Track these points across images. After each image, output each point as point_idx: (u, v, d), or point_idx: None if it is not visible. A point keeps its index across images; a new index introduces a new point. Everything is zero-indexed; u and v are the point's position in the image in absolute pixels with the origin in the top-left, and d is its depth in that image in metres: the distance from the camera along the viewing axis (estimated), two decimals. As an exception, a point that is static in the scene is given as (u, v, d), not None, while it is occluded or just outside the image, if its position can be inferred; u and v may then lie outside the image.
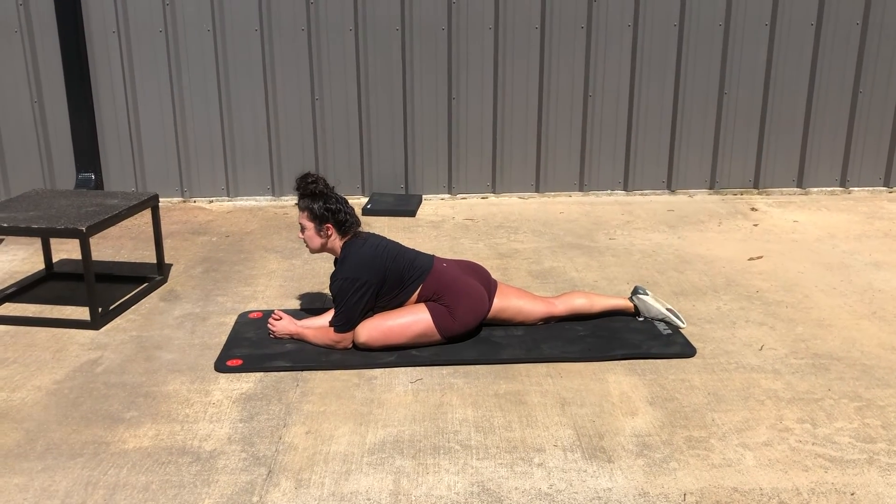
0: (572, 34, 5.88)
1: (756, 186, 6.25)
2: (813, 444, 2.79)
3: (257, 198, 6.11)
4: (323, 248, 3.55)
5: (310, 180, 3.48)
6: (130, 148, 5.98)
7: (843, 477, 2.60)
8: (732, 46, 5.95)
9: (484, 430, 2.89)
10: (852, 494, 2.52)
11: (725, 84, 6.02)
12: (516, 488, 2.56)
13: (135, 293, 4.15)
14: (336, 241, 3.52)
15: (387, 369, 3.34)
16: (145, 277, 4.40)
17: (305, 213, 3.49)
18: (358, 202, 5.96)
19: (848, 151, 6.19)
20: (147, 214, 5.58)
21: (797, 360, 3.42)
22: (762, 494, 2.52)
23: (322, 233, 3.50)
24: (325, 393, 3.16)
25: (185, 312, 3.97)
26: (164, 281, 4.38)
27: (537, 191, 6.19)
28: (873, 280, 4.34)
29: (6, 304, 4.10)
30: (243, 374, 3.31)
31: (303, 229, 3.53)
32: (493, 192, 6.18)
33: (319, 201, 3.46)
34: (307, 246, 3.57)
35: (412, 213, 5.68)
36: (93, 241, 5.10)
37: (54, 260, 4.76)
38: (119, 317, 3.92)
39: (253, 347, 3.52)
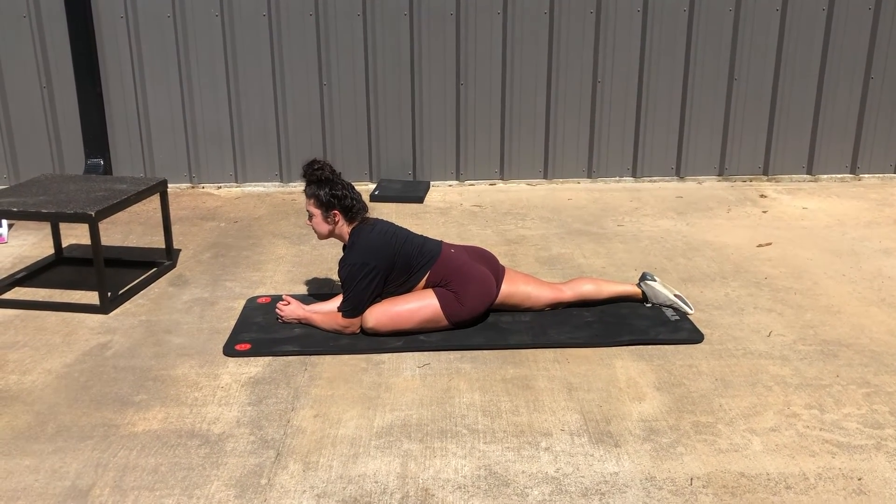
0: (581, 19, 5.85)
1: (765, 173, 6.22)
2: (820, 429, 2.79)
3: (265, 184, 6.12)
4: (331, 235, 3.55)
5: (316, 167, 3.48)
6: (139, 133, 6.00)
7: (851, 462, 2.60)
8: (742, 31, 5.90)
9: (491, 414, 2.90)
10: (860, 480, 2.52)
11: (735, 70, 5.98)
12: (523, 472, 2.57)
13: (144, 278, 4.16)
14: (344, 228, 3.52)
15: (394, 354, 3.35)
16: (154, 262, 4.42)
17: (312, 201, 3.49)
18: (366, 188, 5.96)
19: (858, 138, 6.15)
20: (156, 200, 5.60)
21: (805, 346, 3.41)
22: (769, 479, 2.52)
23: (329, 219, 3.50)
24: (333, 377, 3.17)
25: (194, 297, 3.99)
26: (173, 266, 4.40)
27: (545, 177, 6.18)
28: (883, 267, 4.32)
29: (16, 288, 4.12)
30: (252, 359, 3.33)
31: (310, 216, 3.53)
32: (502, 179, 6.17)
33: (325, 188, 3.46)
34: (315, 233, 3.57)
35: (420, 200, 5.68)
36: (102, 226, 5.12)
37: (64, 245, 4.79)
38: (128, 301, 3.94)
39: (261, 332, 3.53)
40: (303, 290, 4.08)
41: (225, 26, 5.79)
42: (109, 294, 3.88)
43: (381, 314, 3.42)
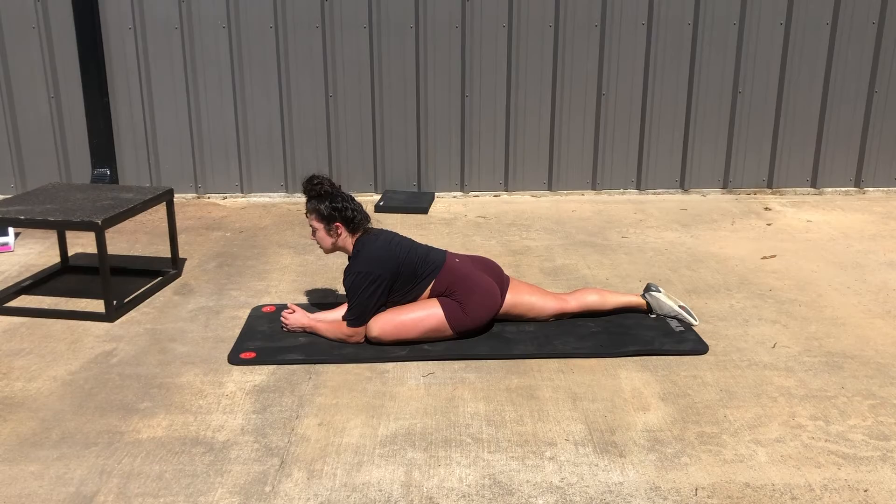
0: (586, 32, 5.88)
1: (770, 186, 6.22)
2: (826, 440, 2.78)
3: (271, 194, 6.14)
4: (335, 248, 3.57)
5: (315, 182, 3.51)
6: (146, 144, 6.02)
7: (857, 474, 2.59)
8: (747, 45, 5.93)
9: (495, 423, 2.90)
10: (865, 491, 2.51)
11: (739, 83, 6.00)
12: (527, 481, 2.56)
13: (149, 286, 4.17)
14: (347, 240, 3.53)
15: (399, 363, 3.35)
16: (160, 271, 4.43)
17: (314, 215, 3.52)
18: (371, 199, 5.98)
19: (863, 151, 6.16)
20: (162, 210, 5.62)
21: (810, 357, 3.41)
22: (774, 490, 2.51)
23: (332, 232, 3.51)
24: (337, 386, 3.17)
25: (199, 306, 4.00)
26: (179, 275, 4.41)
27: (550, 189, 6.19)
28: (888, 279, 4.31)
29: (23, 296, 4.14)
30: (256, 367, 3.33)
31: (314, 231, 3.56)
32: (506, 190, 6.19)
33: (326, 201, 3.48)
34: (320, 247, 3.60)
35: (425, 211, 5.69)
36: (108, 235, 5.14)
37: (70, 253, 4.80)
38: (133, 310, 3.95)
39: (266, 340, 3.54)
40: (307, 299, 4.08)
41: (232, 38, 5.82)
42: (115, 302, 3.89)
43: (386, 323, 3.43)
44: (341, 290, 4.16)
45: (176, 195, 6.08)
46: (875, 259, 4.65)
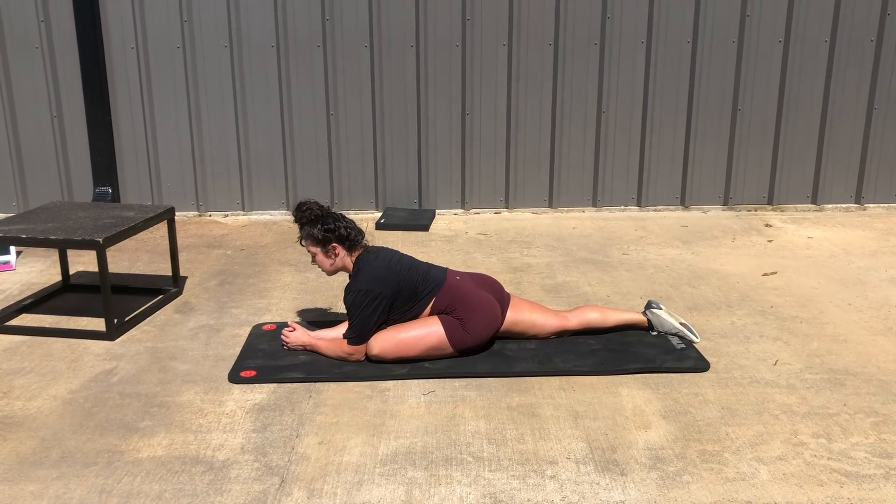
0: (586, 50, 5.91)
1: (770, 203, 6.23)
2: (828, 458, 2.77)
3: (272, 212, 6.15)
4: (336, 269, 3.58)
5: (304, 209, 3.54)
6: (147, 162, 6.05)
7: (859, 492, 2.58)
8: (746, 63, 5.96)
9: (496, 442, 2.89)
10: (868, 509, 2.50)
11: (739, 100, 6.03)
12: (528, 500, 2.55)
13: (150, 305, 4.18)
14: (346, 259, 3.54)
15: (399, 381, 3.35)
16: (160, 289, 4.43)
17: (309, 241, 3.54)
18: (371, 217, 5.99)
19: (863, 167, 6.17)
20: (163, 229, 5.63)
21: (812, 374, 3.40)
22: (777, 509, 2.50)
23: (330, 254, 3.53)
24: (337, 404, 3.17)
25: (200, 324, 4.00)
26: (179, 293, 4.42)
27: (550, 206, 6.20)
28: (889, 296, 4.31)
29: (23, 314, 4.14)
30: (257, 385, 3.33)
31: (313, 257, 3.57)
32: (507, 207, 6.20)
33: (317, 225, 3.50)
34: (323, 271, 3.61)
35: (425, 228, 5.70)
36: (109, 253, 5.15)
37: (71, 272, 4.81)
38: (134, 328, 3.95)
39: (266, 359, 3.53)
40: (308, 317, 4.08)
41: (233, 56, 5.86)
42: (116, 320, 3.89)
43: (386, 341, 3.42)
44: (342, 308, 4.16)
45: (177, 213, 6.09)
46: (876, 275, 4.65)
